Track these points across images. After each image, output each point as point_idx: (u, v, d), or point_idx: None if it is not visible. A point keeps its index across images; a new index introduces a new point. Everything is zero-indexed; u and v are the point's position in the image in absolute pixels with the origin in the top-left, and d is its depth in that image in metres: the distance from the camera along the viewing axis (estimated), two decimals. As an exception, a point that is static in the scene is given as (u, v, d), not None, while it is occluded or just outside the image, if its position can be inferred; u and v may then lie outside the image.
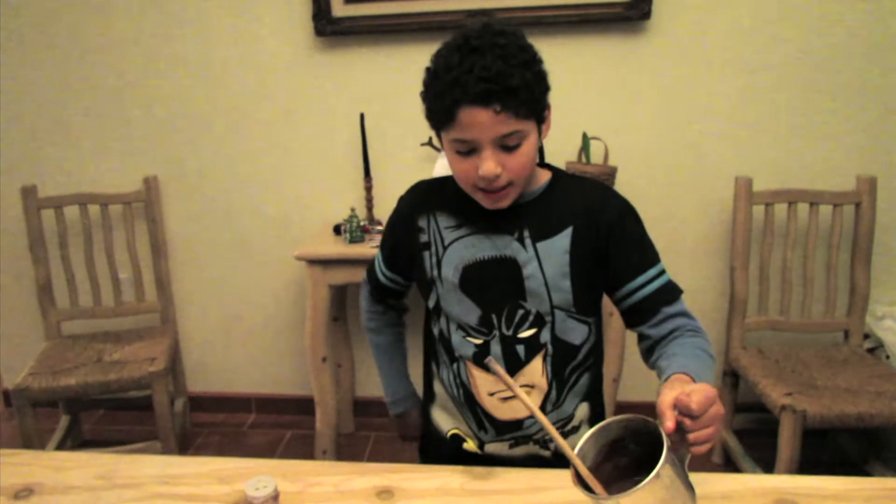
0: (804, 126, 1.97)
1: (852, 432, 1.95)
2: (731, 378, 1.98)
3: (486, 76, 0.82)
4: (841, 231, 1.91)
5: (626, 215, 0.96)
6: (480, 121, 0.84)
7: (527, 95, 0.84)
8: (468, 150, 0.88)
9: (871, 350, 1.94)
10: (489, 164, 0.86)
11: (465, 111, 0.84)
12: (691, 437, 0.69)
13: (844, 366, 1.80)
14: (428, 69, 0.89)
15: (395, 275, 1.11)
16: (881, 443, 1.91)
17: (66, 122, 2.21)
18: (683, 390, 0.71)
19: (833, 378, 1.74)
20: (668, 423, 0.68)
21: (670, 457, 0.66)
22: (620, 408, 2.01)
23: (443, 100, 0.85)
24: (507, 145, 0.87)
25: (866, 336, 1.95)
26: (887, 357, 1.88)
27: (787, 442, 1.60)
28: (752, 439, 1.98)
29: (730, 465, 2.01)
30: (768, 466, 1.74)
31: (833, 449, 2.03)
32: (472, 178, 0.90)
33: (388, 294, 1.15)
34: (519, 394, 0.75)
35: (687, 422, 0.69)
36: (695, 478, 0.91)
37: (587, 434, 0.74)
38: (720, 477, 0.92)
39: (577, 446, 0.73)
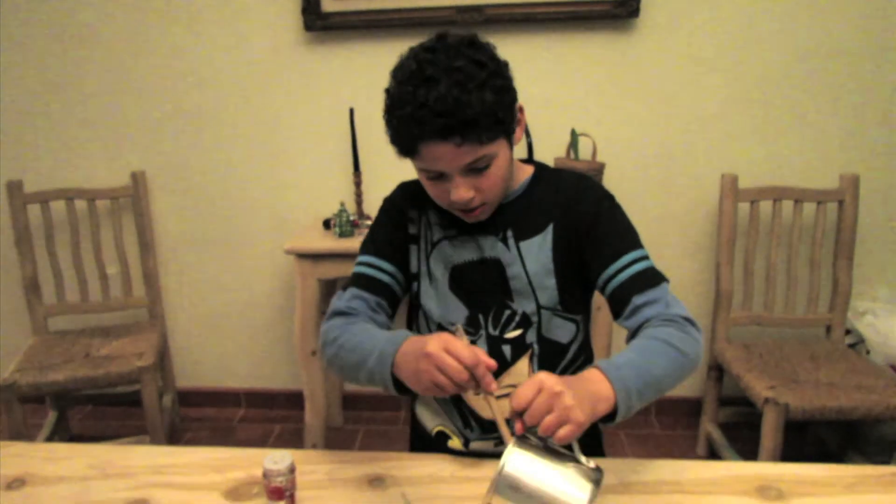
0: (790, 124, 2.01)
1: (832, 424, 1.98)
2: (716, 371, 2.01)
3: (442, 110, 0.78)
4: (824, 228, 1.94)
5: (603, 203, 0.95)
6: (443, 154, 0.82)
7: (488, 121, 0.81)
8: (437, 176, 0.87)
9: (852, 345, 1.97)
10: (460, 192, 0.86)
11: (427, 146, 0.82)
12: (539, 431, 0.71)
13: (826, 360, 1.84)
14: (387, 91, 0.85)
15: (392, 265, 1.00)
16: (860, 434, 1.95)
17: (53, 117, 2.20)
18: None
19: (815, 372, 1.77)
20: (516, 427, 0.72)
21: (519, 454, 0.70)
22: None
23: (402, 134, 0.83)
24: (476, 168, 0.85)
25: (848, 331, 1.99)
26: (867, 352, 1.92)
27: (769, 433, 1.63)
28: (736, 432, 2.01)
29: (713, 457, 2.04)
30: (751, 458, 1.77)
31: (814, 441, 2.06)
32: (446, 201, 0.90)
33: (380, 292, 0.99)
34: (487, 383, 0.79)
35: (520, 422, 0.71)
36: (678, 465, 0.93)
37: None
38: (705, 464, 0.94)
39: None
